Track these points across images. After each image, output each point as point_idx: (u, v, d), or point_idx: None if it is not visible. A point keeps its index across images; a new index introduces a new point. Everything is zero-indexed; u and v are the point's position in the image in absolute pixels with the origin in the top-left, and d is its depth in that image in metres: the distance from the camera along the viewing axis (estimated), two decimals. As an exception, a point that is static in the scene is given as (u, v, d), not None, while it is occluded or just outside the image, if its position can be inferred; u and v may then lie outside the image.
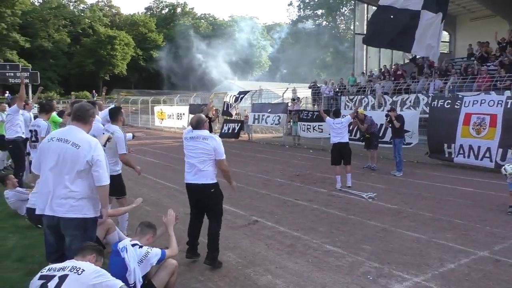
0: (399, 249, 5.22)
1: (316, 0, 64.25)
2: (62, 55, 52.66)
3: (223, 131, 19.44)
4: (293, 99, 20.10)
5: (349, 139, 9.44)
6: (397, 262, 4.81)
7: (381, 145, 13.50)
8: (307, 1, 65.19)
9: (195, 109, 20.13)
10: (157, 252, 3.63)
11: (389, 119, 10.85)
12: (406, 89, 15.78)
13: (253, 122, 20.19)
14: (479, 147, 10.93)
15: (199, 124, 4.74)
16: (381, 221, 6.49)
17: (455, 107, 11.64)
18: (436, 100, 12.42)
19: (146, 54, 56.94)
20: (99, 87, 53.06)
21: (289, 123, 19.44)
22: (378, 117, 13.59)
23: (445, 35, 25.61)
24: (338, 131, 9.05)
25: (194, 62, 53.19)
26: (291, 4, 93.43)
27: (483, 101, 11.12)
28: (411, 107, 14.21)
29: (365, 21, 25.54)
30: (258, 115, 19.71)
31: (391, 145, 11.29)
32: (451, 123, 11.53)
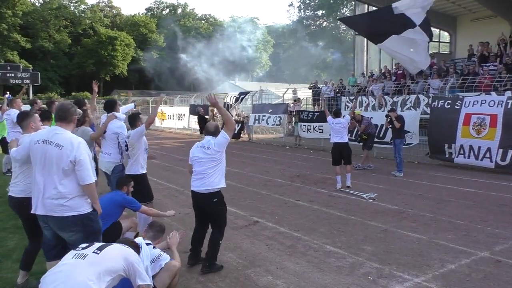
0: (399, 250, 5.22)
1: (316, 0, 64.25)
2: (62, 56, 52.69)
3: (223, 131, 19.41)
4: (295, 100, 20.12)
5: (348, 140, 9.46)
6: (397, 262, 4.81)
7: (382, 146, 13.53)
8: (307, 1, 65.21)
9: (195, 110, 20.15)
10: (167, 257, 3.69)
11: (389, 120, 10.85)
12: (406, 90, 15.77)
13: (253, 123, 20.19)
14: (479, 148, 10.93)
15: (217, 131, 4.68)
16: (381, 221, 6.49)
17: (456, 107, 11.64)
18: (436, 100, 12.42)
19: (147, 55, 56.98)
20: (100, 87, 53.14)
21: (290, 124, 19.45)
22: (378, 117, 13.61)
23: (445, 36, 25.65)
24: (337, 131, 9.10)
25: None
26: (291, 5, 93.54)
27: (484, 102, 11.13)
28: (411, 108, 14.21)
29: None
30: (258, 116, 19.71)
31: (392, 146, 11.30)
32: (451, 124, 11.53)
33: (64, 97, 41.96)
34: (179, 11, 69.74)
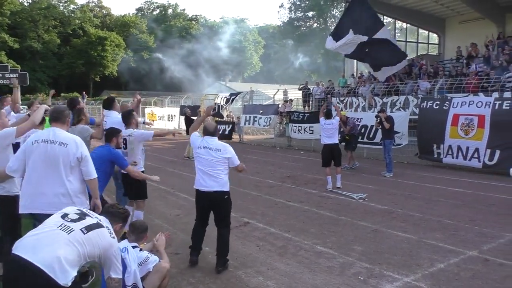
0: (389, 250, 5.25)
1: (307, 2, 64.39)
2: (52, 56, 52.07)
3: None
4: (286, 100, 20.17)
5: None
6: (387, 262, 4.84)
7: (371, 146, 13.62)
8: (298, 3, 65.31)
9: (183, 111, 20.06)
10: (155, 258, 3.65)
11: (379, 120, 10.92)
12: (396, 91, 15.91)
13: (244, 124, 20.17)
14: (467, 148, 11.05)
15: (216, 132, 4.86)
16: (371, 221, 6.53)
17: (444, 108, 11.76)
18: (425, 101, 12.54)
19: (137, 55, 56.60)
20: (89, 88, 52.64)
21: (281, 124, 19.48)
22: (368, 118, 13.71)
23: (434, 37, 25.88)
24: (329, 132, 9.09)
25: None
26: (282, 6, 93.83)
27: (471, 102, 11.26)
28: (401, 109, 14.33)
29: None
30: (249, 117, 19.69)
31: (381, 146, 11.38)
32: (440, 124, 11.64)
33: (53, 98, 41.52)
34: (170, 11, 69.42)
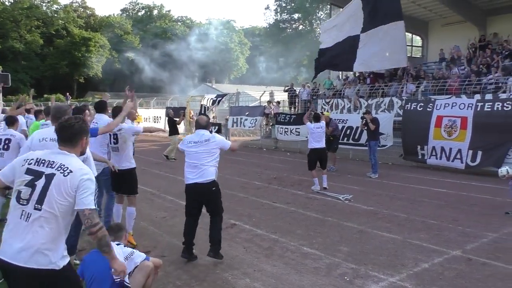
0: (375, 250, 5.30)
1: (292, 4, 64.73)
2: (34, 57, 51.22)
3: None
4: (270, 101, 20.22)
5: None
6: (373, 262, 4.88)
7: (357, 148, 13.74)
8: (283, 5, 65.62)
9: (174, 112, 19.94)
10: (141, 254, 3.66)
11: (364, 122, 11.02)
12: (380, 93, 16.07)
13: (232, 125, 20.15)
14: (450, 149, 11.24)
15: (208, 125, 5.13)
16: (357, 222, 6.58)
17: (428, 110, 11.94)
18: (409, 103, 12.71)
19: (122, 56, 56.07)
20: (73, 89, 51.91)
21: (267, 126, 19.51)
22: (354, 120, 13.83)
23: (417, 40, 26.22)
24: (318, 136, 9.00)
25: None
26: (268, 8, 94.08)
27: (454, 104, 11.46)
28: (385, 110, 14.50)
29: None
30: (236, 119, 19.68)
31: (367, 148, 11.48)
32: (423, 126, 11.81)
33: (35, 99, 40.80)
34: (155, 12, 68.99)
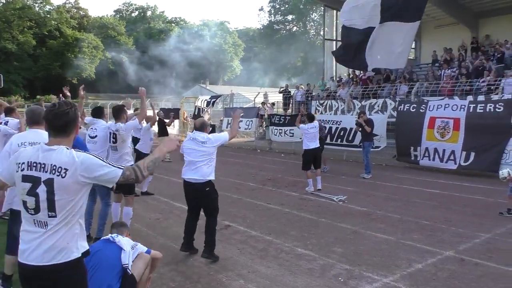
0: (369, 251, 5.32)
1: (286, 5, 64.83)
2: (27, 58, 50.77)
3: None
4: (264, 102, 20.24)
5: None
6: (367, 263, 4.90)
7: (351, 149, 13.79)
8: (277, 6, 65.69)
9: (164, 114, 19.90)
10: (143, 247, 3.71)
11: (359, 125, 11.06)
12: (374, 94, 16.15)
13: (226, 127, 20.13)
14: (443, 150, 11.31)
15: (202, 127, 5.10)
16: (351, 223, 6.60)
17: (421, 111, 12.01)
18: (402, 104, 12.78)
19: (115, 57, 55.81)
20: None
21: (261, 127, 19.52)
22: (347, 121, 13.89)
23: (411, 42, 26.35)
24: (312, 137, 9.08)
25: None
26: (262, 9, 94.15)
27: (447, 106, 11.54)
28: (379, 112, 14.57)
29: (334, 26, 25.88)
30: (231, 120, 19.65)
31: (361, 149, 11.52)
32: (417, 127, 11.88)
33: (28, 100, 40.52)
34: (149, 13, 68.79)
